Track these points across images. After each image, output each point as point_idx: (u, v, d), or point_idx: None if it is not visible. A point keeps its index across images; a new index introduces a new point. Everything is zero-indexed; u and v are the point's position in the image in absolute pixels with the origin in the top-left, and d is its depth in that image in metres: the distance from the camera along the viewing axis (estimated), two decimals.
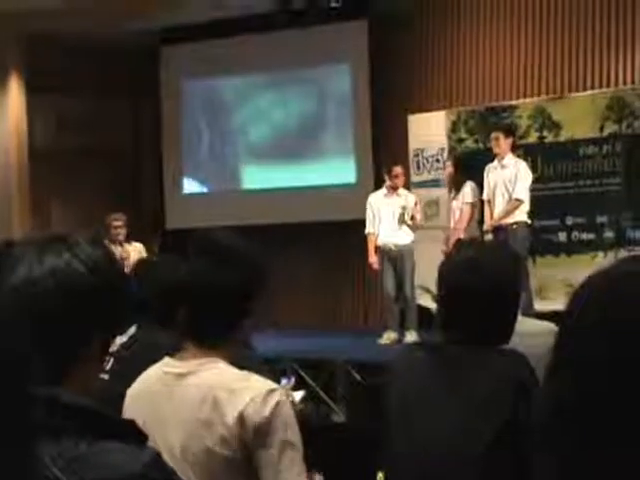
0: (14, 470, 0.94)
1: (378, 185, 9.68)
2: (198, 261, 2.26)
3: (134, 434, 1.33)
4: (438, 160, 10.20)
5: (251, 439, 2.07)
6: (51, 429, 1.24)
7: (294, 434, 2.11)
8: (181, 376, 2.20)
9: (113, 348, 3.00)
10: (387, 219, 9.04)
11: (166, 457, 2.13)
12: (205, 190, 12.27)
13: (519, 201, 8.30)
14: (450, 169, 9.04)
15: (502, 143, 8.46)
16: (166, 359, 2.29)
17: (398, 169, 9.09)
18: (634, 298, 1.12)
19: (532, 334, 2.67)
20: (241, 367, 2.22)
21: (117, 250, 8.78)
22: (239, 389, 2.11)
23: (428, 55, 10.61)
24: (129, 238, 9.32)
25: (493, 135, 8.58)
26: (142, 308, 3.04)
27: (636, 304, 1.11)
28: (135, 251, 8.95)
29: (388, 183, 9.14)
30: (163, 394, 2.22)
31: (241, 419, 2.07)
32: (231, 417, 2.07)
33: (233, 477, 2.11)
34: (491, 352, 2.43)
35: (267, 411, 2.07)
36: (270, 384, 2.14)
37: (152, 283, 3.17)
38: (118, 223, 9.20)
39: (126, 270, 3.51)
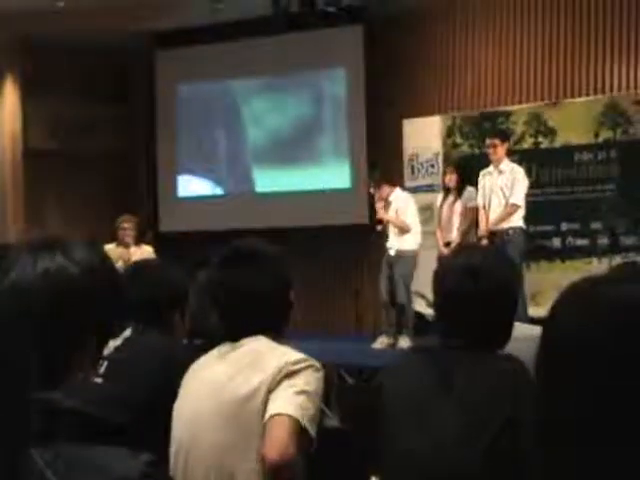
0: (8, 473, 0.94)
1: None
2: (236, 268, 2.38)
3: (129, 439, 1.32)
4: (433, 165, 10.21)
5: (275, 384, 2.23)
6: (45, 433, 1.23)
7: (315, 394, 2.26)
8: (234, 347, 2.38)
9: (107, 351, 2.99)
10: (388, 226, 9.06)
11: (189, 410, 2.31)
12: (199, 193, 12.25)
13: (515, 206, 8.30)
14: (455, 175, 8.96)
15: (499, 150, 8.46)
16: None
17: (371, 189, 9.17)
18: (633, 298, 1.13)
19: (524, 339, 2.67)
20: None
21: (124, 252, 8.84)
22: (281, 354, 2.31)
23: (423, 60, 10.62)
24: (138, 240, 9.37)
25: (489, 142, 8.55)
26: (137, 311, 3.03)
27: (635, 304, 1.12)
28: (143, 254, 8.95)
29: None
30: (217, 358, 2.40)
31: (277, 371, 2.24)
32: (269, 372, 2.24)
33: (246, 429, 2.24)
34: (488, 356, 2.43)
35: (299, 366, 2.27)
36: (311, 358, 2.34)
37: (147, 286, 3.17)
38: (127, 225, 9.27)
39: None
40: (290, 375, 2.24)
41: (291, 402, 2.20)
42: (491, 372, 2.35)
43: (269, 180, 11.74)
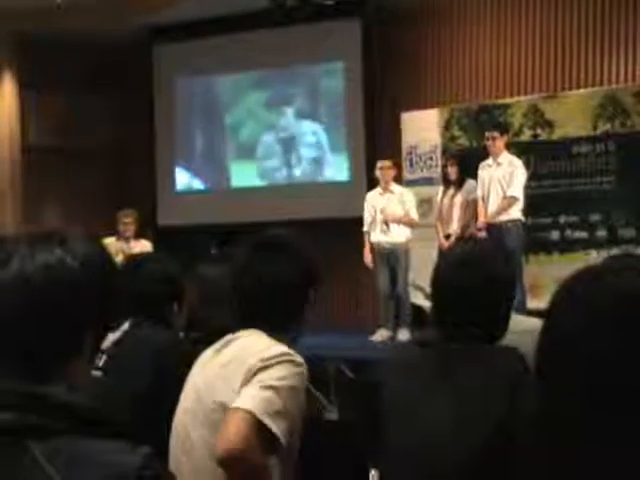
0: None
1: (371, 183, 9.66)
2: (266, 257, 2.36)
3: (128, 432, 1.32)
4: (431, 158, 10.20)
5: (248, 379, 2.16)
6: (45, 427, 1.23)
7: (286, 389, 2.15)
8: (227, 343, 2.34)
9: (106, 344, 2.99)
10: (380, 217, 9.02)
11: (181, 411, 2.29)
12: (198, 187, 12.25)
13: (513, 199, 8.29)
14: (455, 167, 8.92)
15: (498, 142, 8.45)
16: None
17: (380, 163, 9.06)
18: (620, 294, 1.12)
19: (523, 331, 2.67)
20: None
21: (124, 246, 8.88)
22: (264, 349, 2.22)
23: (421, 53, 10.61)
24: (138, 235, 9.41)
25: (489, 135, 8.54)
26: (135, 304, 3.03)
27: (633, 298, 1.11)
28: (142, 248, 8.98)
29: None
30: (209, 356, 2.36)
31: (250, 369, 2.17)
32: (244, 369, 2.17)
33: None
34: (486, 348, 2.43)
35: (272, 361, 2.17)
36: (293, 353, 2.23)
37: (145, 279, 3.16)
38: (127, 220, 9.31)
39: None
40: (262, 369, 2.15)
41: (252, 396, 2.10)
42: (489, 368, 2.35)
43: (267, 173, 11.73)
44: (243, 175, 11.92)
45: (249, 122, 11.87)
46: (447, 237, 8.70)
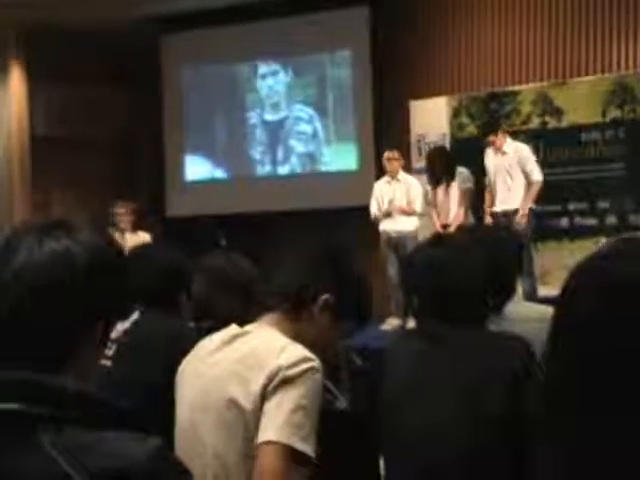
0: None
1: (380, 172, 9.66)
2: None
3: (138, 422, 1.32)
4: None
5: (270, 391, 2.09)
6: (54, 417, 1.23)
7: (313, 404, 2.11)
8: (235, 337, 2.28)
9: (116, 334, 3.00)
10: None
11: (186, 407, 2.26)
12: (206, 177, 12.24)
13: (538, 182, 8.29)
14: (443, 161, 8.87)
15: (500, 138, 8.43)
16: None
17: (388, 154, 9.08)
18: (631, 282, 1.11)
19: (525, 319, 2.66)
20: None
21: (119, 237, 8.82)
22: (280, 350, 2.15)
23: (430, 41, 10.57)
24: (135, 227, 9.34)
25: (489, 139, 8.50)
26: (144, 294, 3.03)
27: (634, 288, 1.11)
28: (138, 240, 8.97)
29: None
30: (214, 350, 2.29)
31: (272, 375, 2.10)
32: (264, 374, 2.11)
33: (243, 433, 2.13)
34: (486, 338, 2.41)
35: (296, 371, 2.10)
36: (310, 355, 2.16)
37: (153, 269, 3.16)
38: (122, 210, 9.27)
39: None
40: (286, 382, 2.09)
41: (282, 425, 2.04)
42: (485, 364, 2.33)
43: (275, 162, 11.72)
44: (252, 164, 11.91)
45: (258, 111, 11.85)
46: (444, 227, 8.68)
